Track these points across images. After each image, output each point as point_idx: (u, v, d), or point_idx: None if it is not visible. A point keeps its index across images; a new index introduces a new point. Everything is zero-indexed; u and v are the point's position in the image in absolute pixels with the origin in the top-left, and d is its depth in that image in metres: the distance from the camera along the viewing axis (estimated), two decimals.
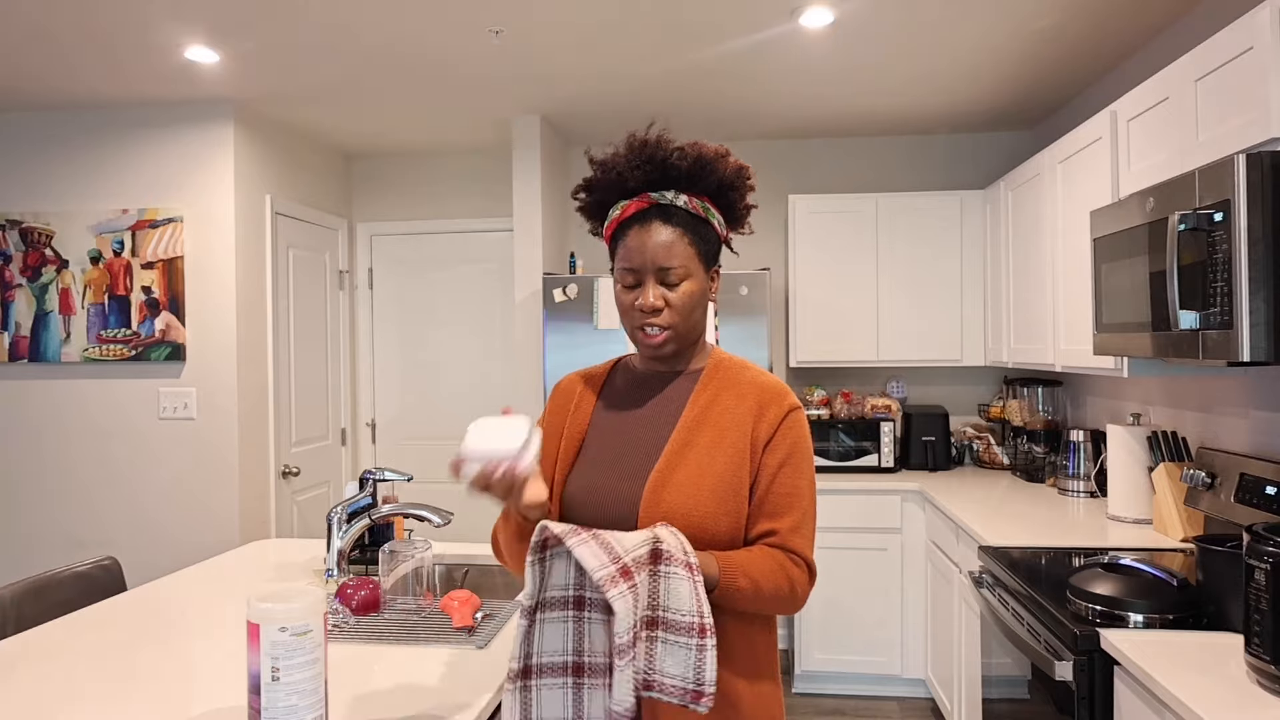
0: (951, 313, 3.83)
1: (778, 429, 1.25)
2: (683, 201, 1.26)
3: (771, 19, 2.74)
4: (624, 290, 1.27)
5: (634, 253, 1.24)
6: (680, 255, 1.24)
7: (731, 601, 1.17)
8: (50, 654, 1.60)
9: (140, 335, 3.57)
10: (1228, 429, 2.44)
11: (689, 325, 1.27)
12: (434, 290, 4.57)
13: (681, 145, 1.27)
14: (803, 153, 4.31)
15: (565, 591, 1.09)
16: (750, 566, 1.18)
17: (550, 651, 1.09)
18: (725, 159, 1.28)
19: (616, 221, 1.28)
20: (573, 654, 1.09)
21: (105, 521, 3.63)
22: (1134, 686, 1.62)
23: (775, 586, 1.19)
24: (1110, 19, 2.76)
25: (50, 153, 3.64)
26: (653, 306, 1.24)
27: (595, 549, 1.03)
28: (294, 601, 1.19)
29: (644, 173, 1.26)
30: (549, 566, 1.08)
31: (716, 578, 1.15)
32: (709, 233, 1.28)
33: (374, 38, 2.86)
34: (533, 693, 1.09)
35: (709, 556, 1.17)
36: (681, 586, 1.07)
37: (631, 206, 1.26)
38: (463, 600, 1.74)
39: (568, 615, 1.09)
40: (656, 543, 1.08)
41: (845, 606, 3.56)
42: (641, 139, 1.28)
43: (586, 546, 1.03)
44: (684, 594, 1.06)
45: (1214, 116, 1.88)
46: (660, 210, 1.25)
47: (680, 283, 1.25)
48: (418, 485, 4.60)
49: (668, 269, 1.23)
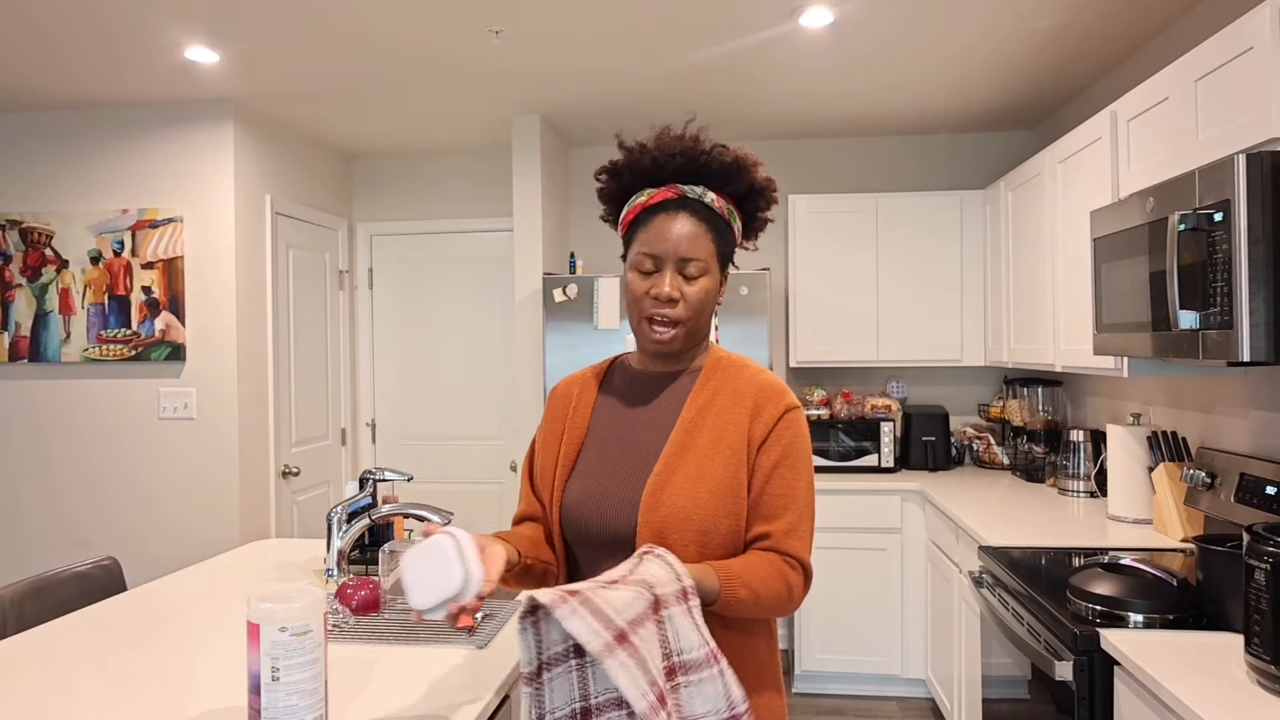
0: (951, 313, 3.83)
1: (773, 429, 1.24)
2: (710, 199, 1.25)
3: (771, 19, 2.74)
4: (639, 276, 1.24)
5: (657, 239, 1.22)
6: (703, 249, 1.23)
7: (732, 611, 1.16)
8: (50, 654, 1.60)
9: (140, 335, 3.57)
10: (1228, 429, 2.44)
11: (699, 323, 1.26)
12: (434, 290, 4.57)
13: (722, 144, 1.27)
14: (803, 153, 4.31)
15: (566, 644, 1.06)
16: (749, 575, 1.16)
17: (560, 706, 1.07)
18: (758, 167, 1.29)
19: (641, 206, 1.25)
20: (579, 700, 1.07)
21: (105, 521, 3.63)
22: (1134, 686, 1.62)
23: (774, 593, 1.18)
24: (1110, 19, 2.76)
25: (50, 153, 3.64)
26: (668, 295, 1.21)
27: (587, 619, 0.99)
28: (294, 601, 1.19)
29: (680, 163, 1.25)
30: (544, 629, 1.05)
31: (717, 591, 1.13)
32: (729, 235, 1.28)
33: (374, 38, 2.86)
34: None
35: (707, 569, 1.14)
36: (684, 625, 1.05)
37: (659, 194, 1.25)
38: None
39: (570, 666, 1.06)
40: (650, 590, 1.05)
41: (845, 606, 3.56)
42: (679, 133, 1.27)
43: (578, 618, 0.98)
44: (689, 631, 1.05)
45: (1214, 116, 1.88)
46: (687, 203, 1.24)
47: (699, 277, 1.23)
48: (418, 485, 4.60)
49: (689, 260, 1.22)
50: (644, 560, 1.09)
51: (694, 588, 1.08)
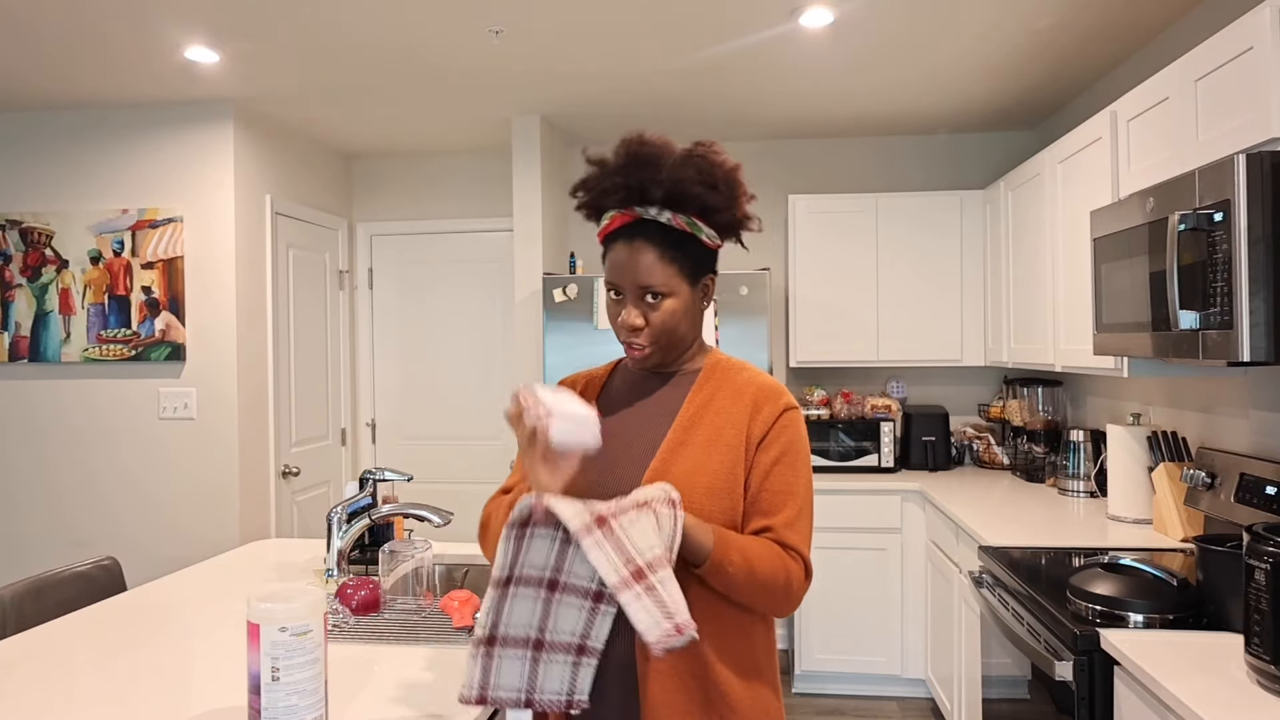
0: (951, 313, 3.83)
1: (772, 427, 1.25)
2: (666, 218, 1.22)
3: (771, 19, 2.74)
4: (611, 301, 1.28)
5: (616, 270, 1.25)
6: (661, 274, 1.22)
7: (723, 577, 1.15)
8: (50, 654, 1.60)
9: (140, 335, 3.57)
10: (1228, 429, 2.44)
11: (672, 340, 1.27)
12: (434, 290, 4.57)
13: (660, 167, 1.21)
14: (803, 153, 4.31)
15: (542, 572, 1.09)
16: (746, 547, 1.17)
17: (516, 624, 1.10)
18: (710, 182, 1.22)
19: (605, 231, 1.27)
20: (536, 630, 1.11)
21: (105, 522, 3.63)
22: (1134, 686, 1.62)
23: (770, 573, 1.17)
24: (1110, 19, 2.76)
25: (50, 153, 3.64)
26: (632, 325, 1.24)
27: (610, 552, 1.02)
28: (294, 601, 1.19)
29: (621, 197, 1.23)
30: (528, 544, 1.08)
31: (709, 548, 1.14)
32: (695, 249, 1.25)
33: (374, 38, 2.86)
34: (494, 660, 1.11)
35: (705, 527, 1.15)
36: (646, 524, 1.07)
37: (616, 220, 1.25)
38: (463, 600, 1.74)
39: (539, 594, 1.09)
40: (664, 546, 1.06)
41: (845, 606, 3.56)
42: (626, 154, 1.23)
43: (601, 550, 1.02)
44: (647, 530, 1.06)
45: (1214, 116, 1.88)
46: (644, 226, 1.23)
47: (664, 298, 1.24)
48: (418, 485, 4.60)
49: (648, 287, 1.23)
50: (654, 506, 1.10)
51: (679, 500, 1.11)
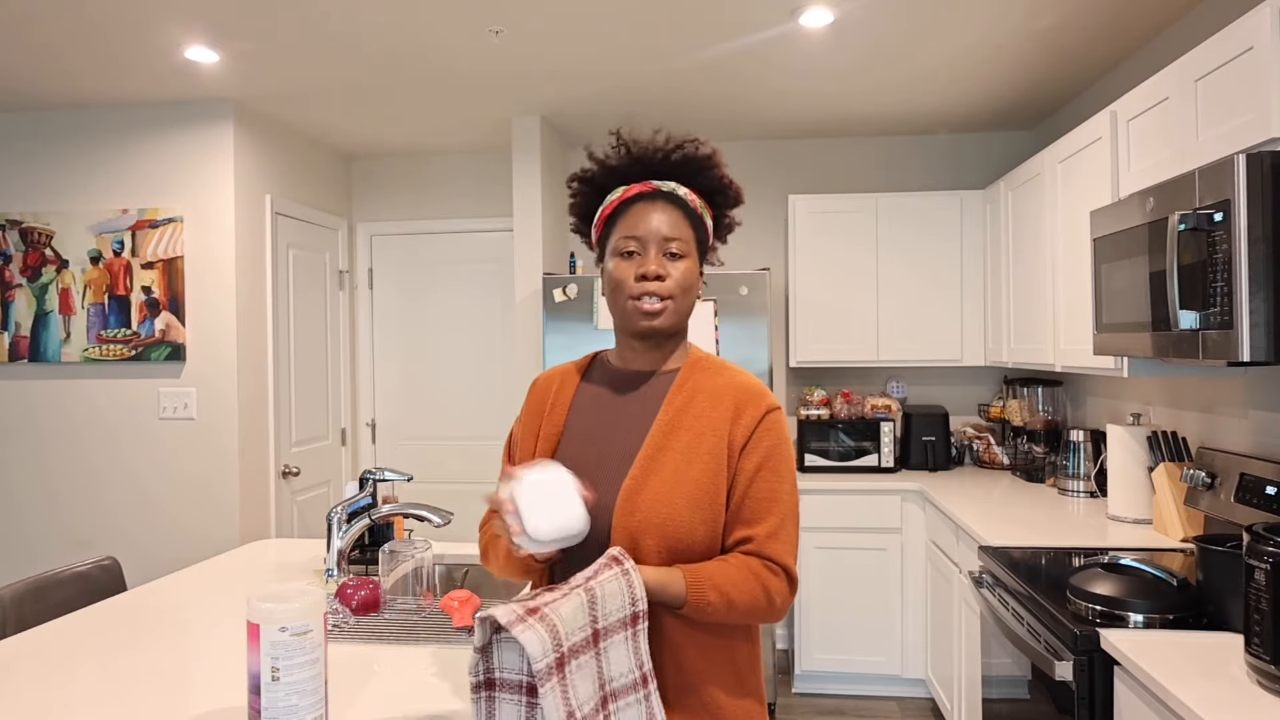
0: (951, 313, 3.83)
1: (754, 431, 1.23)
2: (683, 192, 1.28)
3: (771, 19, 2.74)
4: (622, 260, 1.26)
5: (639, 223, 1.25)
6: (684, 232, 1.26)
7: (704, 616, 1.15)
8: (50, 654, 1.60)
9: (140, 335, 3.57)
10: (1228, 429, 2.44)
11: (685, 304, 1.27)
12: (434, 290, 4.57)
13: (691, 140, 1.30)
14: (803, 153, 4.31)
15: (520, 677, 1.07)
16: (721, 579, 1.15)
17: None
18: (723, 165, 1.33)
19: (617, 201, 1.28)
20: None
21: (105, 522, 3.63)
22: (1134, 686, 1.62)
23: (750, 598, 1.16)
24: (1110, 19, 2.76)
25: (50, 153, 3.64)
26: (655, 272, 1.23)
27: (541, 634, 1.00)
28: (294, 601, 1.19)
29: (653, 161, 1.29)
30: (497, 650, 1.07)
31: (684, 595, 1.13)
32: (704, 227, 1.31)
33: (374, 37, 2.86)
34: None
35: (674, 572, 1.14)
36: (619, 654, 1.07)
37: (635, 188, 1.28)
38: (463, 600, 1.74)
39: (521, 700, 1.07)
40: (593, 622, 1.06)
41: (845, 606, 3.56)
42: (645, 139, 1.30)
43: (533, 631, 1.00)
44: (623, 658, 1.07)
45: (1214, 116, 1.88)
46: (663, 194, 1.28)
47: (683, 257, 1.26)
48: (418, 485, 4.60)
49: (672, 239, 1.25)
50: (600, 575, 1.09)
51: (645, 612, 1.09)
